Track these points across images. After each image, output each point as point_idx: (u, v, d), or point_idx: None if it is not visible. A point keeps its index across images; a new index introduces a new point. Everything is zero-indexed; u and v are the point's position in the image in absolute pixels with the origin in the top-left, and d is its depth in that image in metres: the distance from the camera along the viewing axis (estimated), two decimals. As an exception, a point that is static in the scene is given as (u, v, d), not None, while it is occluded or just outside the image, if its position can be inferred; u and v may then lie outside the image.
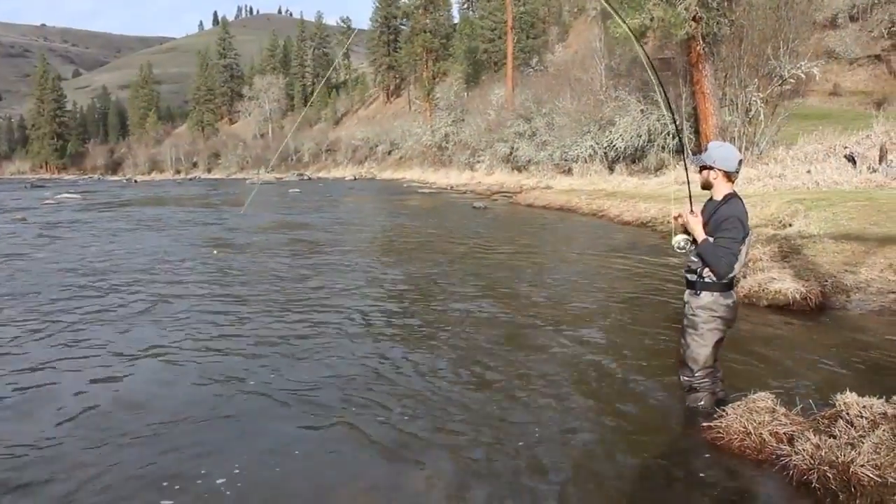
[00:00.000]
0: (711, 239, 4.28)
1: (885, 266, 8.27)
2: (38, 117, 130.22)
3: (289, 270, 11.13)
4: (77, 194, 40.78)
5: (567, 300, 8.56)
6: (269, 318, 7.76)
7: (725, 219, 4.25)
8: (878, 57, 38.62)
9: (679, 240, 4.45)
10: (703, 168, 4.46)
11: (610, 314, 7.79)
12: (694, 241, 4.39)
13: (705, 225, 4.37)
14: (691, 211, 4.45)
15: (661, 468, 3.97)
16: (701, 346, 4.44)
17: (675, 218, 4.58)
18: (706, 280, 4.36)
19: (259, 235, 16.86)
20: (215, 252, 8.87)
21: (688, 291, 4.51)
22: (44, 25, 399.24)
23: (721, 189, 4.41)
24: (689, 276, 4.49)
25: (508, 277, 10.33)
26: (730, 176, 4.39)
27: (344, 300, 8.73)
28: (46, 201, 34.43)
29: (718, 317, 4.38)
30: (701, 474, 3.90)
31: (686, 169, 4.85)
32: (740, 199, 4.37)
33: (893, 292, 7.60)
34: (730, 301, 4.39)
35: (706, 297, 4.37)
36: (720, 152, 4.39)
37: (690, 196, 4.60)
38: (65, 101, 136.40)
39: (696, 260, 4.39)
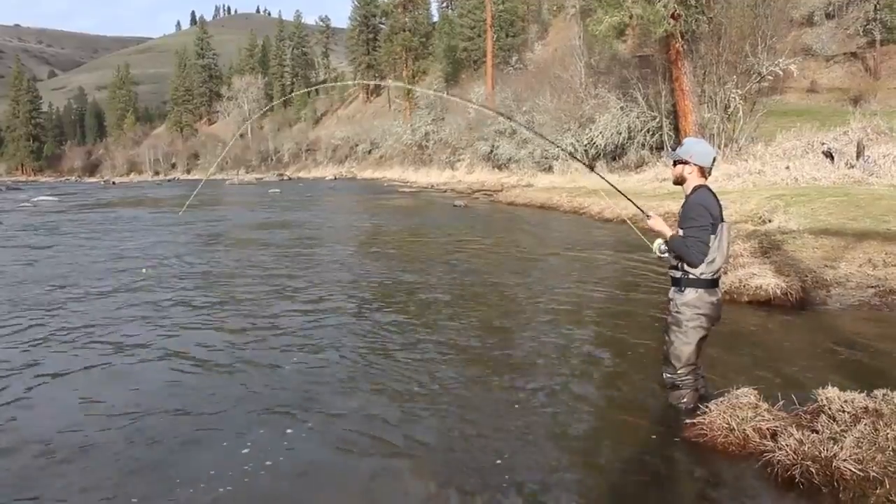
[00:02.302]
0: (681, 232, 4.31)
1: (863, 261, 8.34)
2: (13, 119, 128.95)
3: (264, 270, 11.03)
4: (55, 196, 40.38)
5: (548, 296, 8.54)
6: (244, 317, 7.68)
7: (690, 208, 4.31)
8: (853, 54, 39.04)
9: (658, 243, 4.46)
10: (677, 162, 4.48)
11: (591, 311, 7.78)
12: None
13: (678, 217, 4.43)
14: (647, 216, 4.48)
15: (644, 465, 3.95)
16: (684, 344, 4.44)
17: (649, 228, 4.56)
18: (691, 277, 4.35)
19: (238, 234, 16.72)
20: (144, 271, 8.78)
21: (672, 289, 4.50)
22: (18, 26, 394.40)
23: (693, 183, 4.43)
24: (673, 273, 4.48)
25: (490, 275, 10.30)
26: (704, 171, 4.42)
27: (321, 299, 8.66)
28: (23, 204, 34.02)
29: (703, 314, 4.37)
30: (684, 471, 3.90)
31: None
32: (710, 190, 4.41)
33: (872, 287, 7.65)
34: (714, 298, 4.39)
35: (691, 294, 4.36)
36: (698, 147, 4.45)
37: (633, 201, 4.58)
38: (40, 103, 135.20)
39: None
